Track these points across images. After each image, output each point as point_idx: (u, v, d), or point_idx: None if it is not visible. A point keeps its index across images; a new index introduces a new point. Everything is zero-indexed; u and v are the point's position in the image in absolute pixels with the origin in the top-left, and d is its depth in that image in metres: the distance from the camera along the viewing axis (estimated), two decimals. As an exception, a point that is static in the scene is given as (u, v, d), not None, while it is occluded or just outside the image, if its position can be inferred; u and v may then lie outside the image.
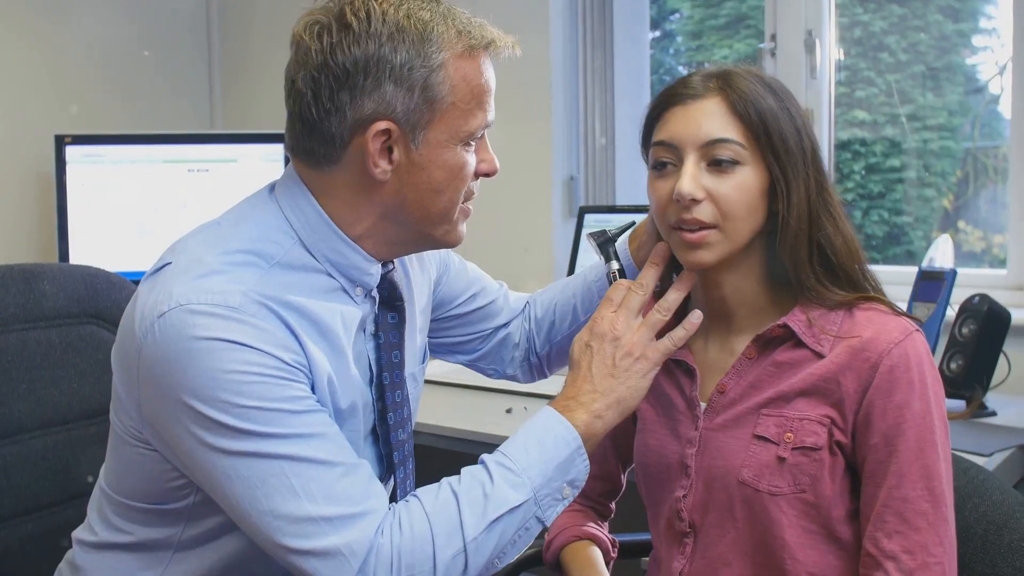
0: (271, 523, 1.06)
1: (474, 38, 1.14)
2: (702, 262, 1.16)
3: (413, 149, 1.13)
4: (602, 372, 1.15)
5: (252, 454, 1.06)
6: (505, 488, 1.09)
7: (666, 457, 1.24)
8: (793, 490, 1.14)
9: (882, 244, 2.92)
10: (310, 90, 1.11)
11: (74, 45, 3.05)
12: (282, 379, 1.08)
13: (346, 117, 1.11)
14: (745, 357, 1.20)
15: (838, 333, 1.16)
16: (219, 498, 1.10)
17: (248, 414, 1.05)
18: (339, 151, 1.13)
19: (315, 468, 1.06)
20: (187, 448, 1.09)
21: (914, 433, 1.11)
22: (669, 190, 1.16)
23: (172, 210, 2.86)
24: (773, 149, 1.14)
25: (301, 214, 1.17)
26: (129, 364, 1.13)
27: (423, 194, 1.15)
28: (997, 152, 2.71)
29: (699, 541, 1.21)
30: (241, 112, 3.42)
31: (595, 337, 1.18)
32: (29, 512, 1.53)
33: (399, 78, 1.10)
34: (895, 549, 1.10)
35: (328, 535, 1.04)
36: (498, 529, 1.08)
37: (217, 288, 1.08)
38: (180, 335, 1.06)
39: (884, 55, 2.75)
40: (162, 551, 1.22)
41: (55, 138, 2.77)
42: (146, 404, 1.12)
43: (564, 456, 1.12)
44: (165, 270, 1.14)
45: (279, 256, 1.14)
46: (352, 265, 1.18)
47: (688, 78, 1.18)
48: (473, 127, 1.15)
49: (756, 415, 1.17)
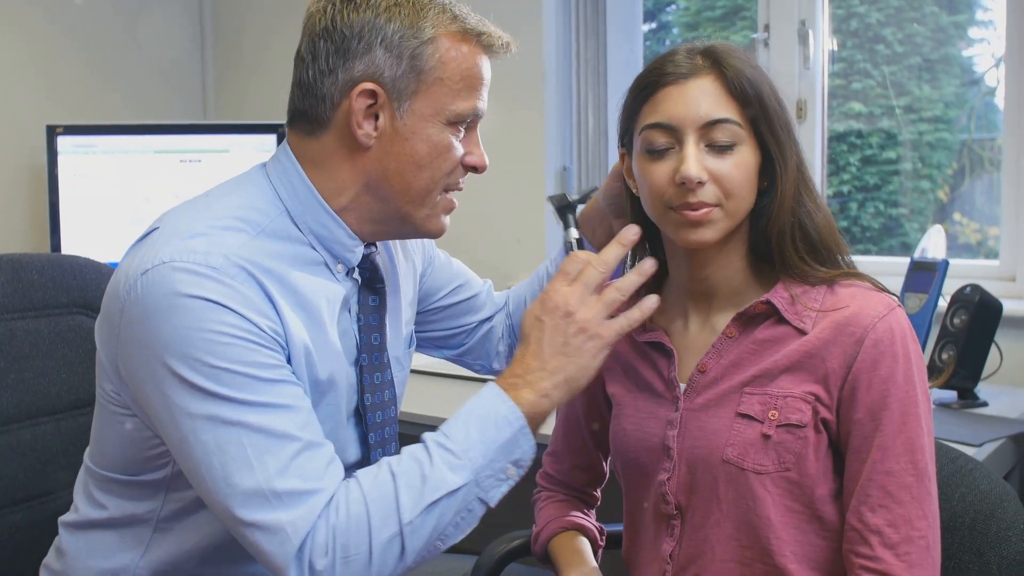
0: (224, 490, 1.06)
1: (468, 24, 1.18)
2: (705, 240, 1.15)
3: (398, 117, 1.16)
4: (553, 349, 1.12)
5: (214, 418, 1.06)
6: (444, 470, 1.07)
7: (646, 441, 1.24)
8: (777, 468, 1.14)
9: (877, 236, 2.92)
10: (310, 54, 1.18)
11: (65, 35, 3.04)
12: (255, 344, 1.09)
13: (338, 79, 1.16)
14: (726, 335, 1.20)
15: (820, 308, 1.15)
16: (182, 462, 1.11)
17: (217, 375, 1.06)
18: (329, 111, 1.17)
19: (273, 440, 1.06)
20: (156, 408, 1.10)
21: (898, 407, 1.11)
22: (669, 172, 1.14)
23: (164, 200, 2.84)
24: (769, 125, 1.14)
25: (289, 185, 1.20)
26: (111, 325, 1.14)
27: (404, 166, 1.18)
28: (993, 144, 2.70)
29: (686, 523, 1.21)
30: (234, 102, 3.42)
31: (547, 311, 1.14)
32: (17, 503, 1.52)
33: (389, 44, 1.15)
34: (879, 523, 1.10)
35: (276, 510, 1.04)
36: (436, 512, 1.07)
37: (200, 248, 1.10)
38: (162, 290, 1.08)
39: (880, 47, 2.75)
40: (143, 528, 1.23)
41: (46, 128, 2.76)
42: (124, 364, 1.13)
43: (507, 437, 1.10)
44: (151, 235, 1.16)
45: (265, 224, 1.17)
46: (335, 239, 1.20)
47: (673, 56, 1.17)
48: (460, 109, 1.18)
49: (739, 393, 1.17)
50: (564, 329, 1.13)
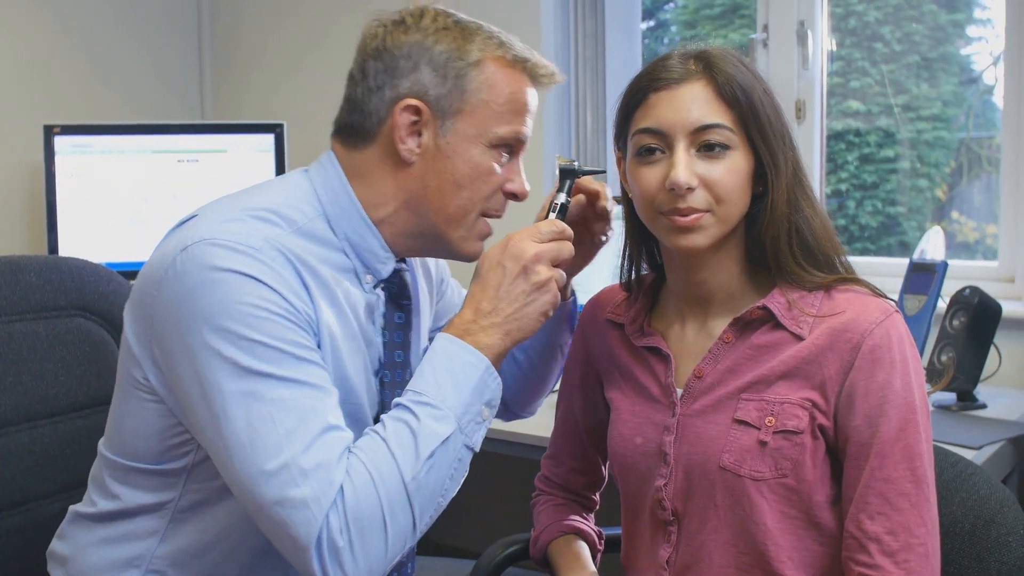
0: (251, 467, 1.06)
1: (515, 52, 1.22)
2: (696, 246, 1.15)
3: (441, 136, 1.20)
4: (508, 297, 1.16)
5: (247, 393, 1.07)
6: (431, 423, 1.10)
7: (643, 446, 1.23)
8: (775, 475, 1.14)
9: (875, 234, 2.92)
10: (360, 73, 1.23)
11: (63, 34, 3.03)
12: (290, 322, 1.11)
13: (384, 96, 1.20)
14: (722, 341, 1.20)
15: (817, 313, 1.15)
16: (210, 442, 1.11)
17: (253, 348, 1.08)
18: (374, 126, 1.21)
19: (302, 418, 1.08)
20: (188, 386, 1.11)
21: (896, 413, 1.11)
22: (659, 177, 1.14)
23: (162, 200, 2.84)
24: (761, 131, 1.14)
25: (330, 189, 1.23)
26: (145, 304, 1.16)
27: (444, 184, 1.21)
28: (991, 143, 2.70)
29: (683, 529, 1.20)
30: (231, 102, 3.41)
31: (510, 257, 1.16)
32: (15, 506, 1.52)
33: (436, 64, 1.19)
34: (878, 531, 1.10)
35: (300, 486, 1.05)
36: (434, 464, 1.09)
37: (240, 230, 1.14)
38: (201, 265, 1.10)
39: (878, 45, 2.74)
40: (159, 517, 1.23)
41: (44, 128, 2.75)
42: (158, 342, 1.15)
43: (476, 379, 1.13)
44: (189, 221, 1.19)
45: (301, 223, 1.19)
46: (368, 248, 1.23)
47: (666, 61, 1.17)
48: (503, 132, 1.21)
49: (736, 400, 1.17)
50: (523, 280, 1.16)
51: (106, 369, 1.62)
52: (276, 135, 2.92)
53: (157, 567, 1.24)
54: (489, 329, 1.15)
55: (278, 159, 2.91)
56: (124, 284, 1.69)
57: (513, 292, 1.16)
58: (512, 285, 1.16)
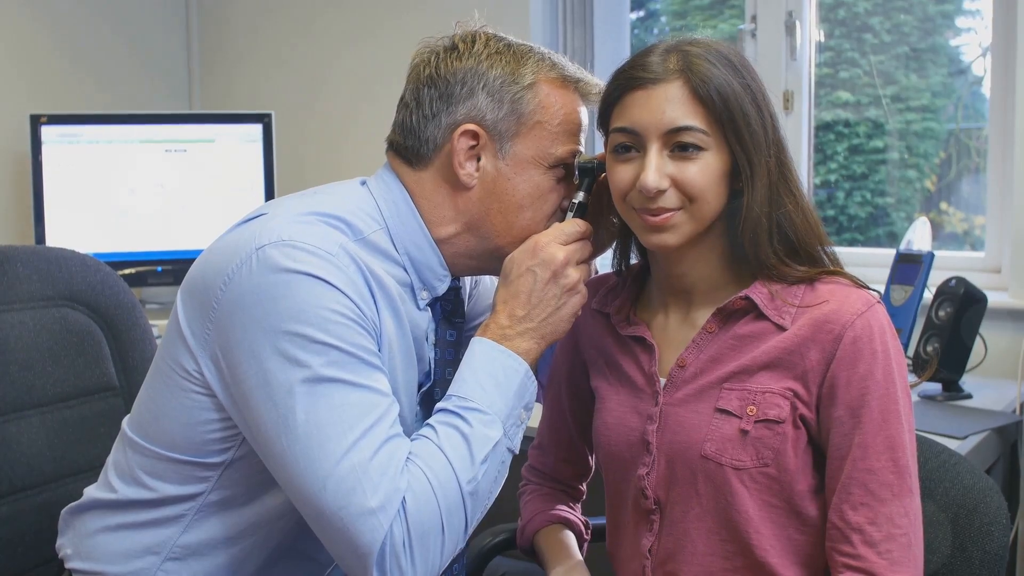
0: (316, 473, 1.06)
1: (567, 72, 1.24)
2: (666, 244, 1.16)
3: (500, 158, 1.22)
4: (543, 303, 1.18)
5: (316, 395, 1.08)
6: (481, 428, 1.12)
7: (626, 435, 1.24)
8: (756, 464, 1.14)
9: (864, 225, 2.93)
10: (414, 100, 1.24)
11: (49, 23, 3.02)
12: (362, 327, 1.12)
13: (441, 123, 1.22)
14: (705, 331, 1.20)
15: (800, 304, 1.16)
16: (268, 446, 1.10)
17: (326, 352, 1.08)
18: (431, 152, 1.23)
19: (370, 424, 1.08)
20: (252, 386, 1.10)
21: (878, 404, 1.11)
22: (631, 176, 1.15)
23: (149, 190, 2.84)
24: (736, 133, 1.13)
25: (392, 204, 1.24)
26: (209, 296, 1.15)
27: (507, 206, 1.23)
28: (980, 134, 2.70)
29: (665, 517, 1.21)
30: (219, 92, 3.40)
31: (541, 264, 1.18)
32: (2, 496, 1.52)
33: (491, 89, 1.21)
34: (860, 521, 1.11)
35: (367, 493, 1.05)
36: (488, 469, 1.11)
37: (316, 233, 1.14)
38: (279, 265, 1.10)
39: (868, 36, 2.74)
40: (184, 509, 1.23)
41: (30, 117, 2.74)
42: (222, 337, 1.13)
43: (517, 383, 1.16)
44: (260, 218, 1.19)
45: (367, 233, 1.20)
46: (428, 265, 1.25)
47: (646, 59, 1.16)
48: (560, 153, 1.23)
49: (718, 389, 1.17)
50: (555, 287, 1.18)
51: (93, 359, 1.62)
52: (264, 125, 2.91)
53: (177, 555, 1.24)
54: (525, 334, 1.17)
55: (266, 149, 2.90)
56: (111, 274, 1.68)
57: (546, 297, 1.18)
58: (544, 291, 1.18)
